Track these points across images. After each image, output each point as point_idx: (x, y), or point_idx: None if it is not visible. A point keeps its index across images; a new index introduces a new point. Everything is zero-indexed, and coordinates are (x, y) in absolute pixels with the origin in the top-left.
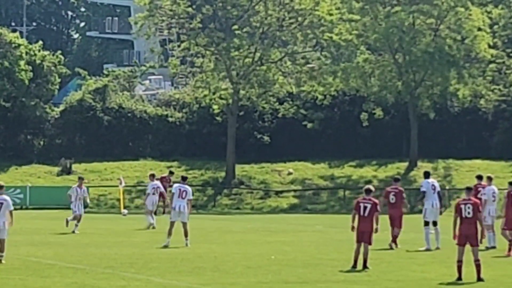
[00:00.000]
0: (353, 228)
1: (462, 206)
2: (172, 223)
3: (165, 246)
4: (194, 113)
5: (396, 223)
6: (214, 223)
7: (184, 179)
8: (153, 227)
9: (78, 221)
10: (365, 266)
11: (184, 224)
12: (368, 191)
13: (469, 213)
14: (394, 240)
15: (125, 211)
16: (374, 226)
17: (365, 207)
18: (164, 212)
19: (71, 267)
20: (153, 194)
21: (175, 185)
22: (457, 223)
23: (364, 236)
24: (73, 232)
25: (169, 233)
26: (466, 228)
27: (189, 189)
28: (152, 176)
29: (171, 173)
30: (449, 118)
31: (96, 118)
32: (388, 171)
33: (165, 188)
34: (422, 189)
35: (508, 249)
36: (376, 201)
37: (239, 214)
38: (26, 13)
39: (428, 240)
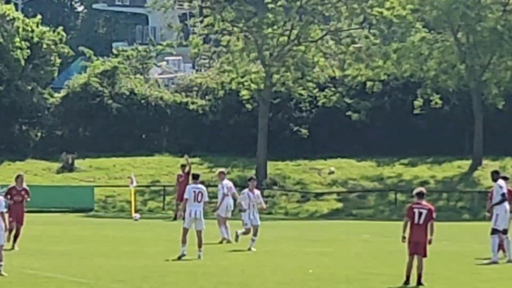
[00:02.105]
0: (404, 238)
1: None
2: (185, 230)
3: (181, 257)
4: (219, 100)
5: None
6: (242, 231)
7: (196, 177)
8: (228, 241)
9: (254, 234)
10: (419, 283)
11: (199, 232)
12: (420, 195)
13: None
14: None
15: (137, 215)
16: (429, 236)
17: (420, 214)
18: (175, 218)
19: (73, 281)
20: (227, 195)
21: (188, 187)
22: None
23: (418, 247)
24: (249, 249)
25: (184, 241)
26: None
27: (204, 189)
28: (223, 174)
29: (184, 166)
30: None
31: (103, 106)
32: (448, 170)
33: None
34: (502, 190)
35: None
36: (432, 207)
37: (271, 220)
38: None
39: (495, 251)
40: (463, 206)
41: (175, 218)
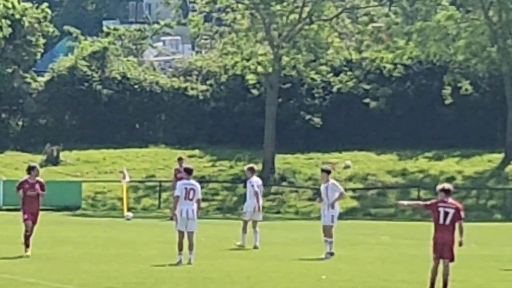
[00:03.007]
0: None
1: None
2: (180, 233)
3: (179, 263)
4: (222, 85)
5: None
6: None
7: (188, 171)
8: (255, 247)
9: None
10: (445, 286)
11: (191, 233)
12: (446, 192)
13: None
14: None
15: (130, 214)
16: (458, 238)
17: (446, 213)
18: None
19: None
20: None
21: (179, 183)
22: None
23: (444, 250)
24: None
25: (181, 247)
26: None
27: (197, 185)
28: (252, 170)
29: (181, 159)
30: None
31: (92, 92)
32: (477, 164)
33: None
34: None
35: None
36: (460, 205)
37: (279, 219)
38: None
39: None
40: (494, 204)
41: (172, 218)
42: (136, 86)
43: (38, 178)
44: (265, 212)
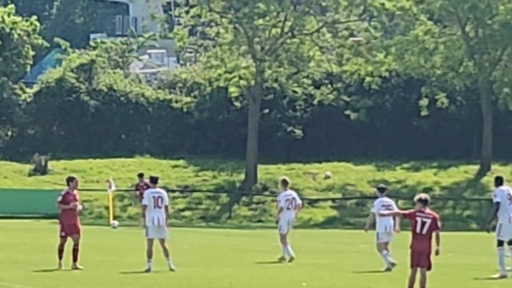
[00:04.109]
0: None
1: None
2: (150, 242)
3: (148, 270)
4: (206, 97)
5: None
6: (230, 240)
7: (154, 180)
8: (292, 258)
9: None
10: None
11: (162, 241)
12: (424, 202)
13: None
14: None
15: (116, 222)
16: (435, 247)
17: (423, 223)
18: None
19: None
20: (288, 208)
21: (146, 192)
22: None
23: (421, 259)
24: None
25: (150, 254)
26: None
27: (164, 193)
28: (285, 184)
29: (141, 175)
30: None
31: (79, 103)
32: (454, 176)
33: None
34: (496, 199)
35: None
36: (436, 215)
37: (261, 228)
38: None
39: (503, 264)
40: (470, 215)
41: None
42: (122, 98)
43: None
44: (247, 221)
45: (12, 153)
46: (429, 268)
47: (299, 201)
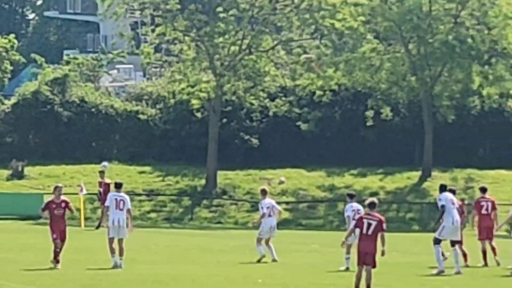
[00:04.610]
0: (343, 243)
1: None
2: (111, 240)
3: (115, 266)
4: (170, 109)
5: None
6: (192, 240)
7: (118, 186)
8: (273, 260)
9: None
10: None
11: (121, 240)
12: (372, 205)
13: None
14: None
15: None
16: (381, 247)
17: (369, 224)
18: (98, 227)
19: None
20: (269, 216)
21: (109, 194)
22: None
23: (367, 257)
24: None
25: (112, 251)
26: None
27: (126, 197)
28: (264, 193)
29: (102, 172)
30: (471, 121)
31: (54, 114)
32: (397, 181)
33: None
34: (441, 202)
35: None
36: (382, 218)
37: (221, 229)
38: None
39: (440, 260)
40: (412, 217)
41: (98, 227)
42: (93, 109)
43: (62, 198)
44: (207, 222)
45: None
46: (374, 266)
47: (279, 208)
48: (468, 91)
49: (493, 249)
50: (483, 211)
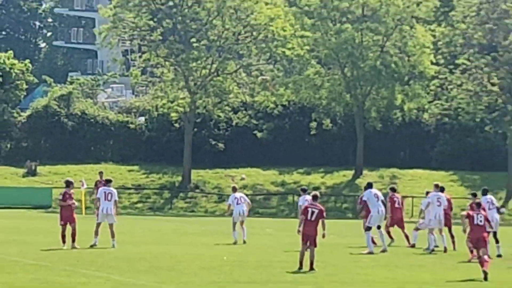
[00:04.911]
0: (299, 231)
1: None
2: (98, 224)
3: (93, 246)
4: (153, 120)
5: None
6: (170, 225)
7: (108, 181)
8: (244, 242)
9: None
10: (311, 268)
11: (111, 225)
12: (315, 197)
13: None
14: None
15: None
16: (322, 231)
17: (312, 212)
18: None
19: (34, 264)
20: (238, 204)
21: (100, 189)
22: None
23: (309, 239)
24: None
25: (96, 233)
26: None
27: (114, 191)
28: (234, 189)
29: (101, 173)
30: (394, 130)
31: (60, 124)
32: (335, 178)
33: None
34: (364, 198)
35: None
36: (323, 207)
37: (194, 216)
38: None
39: (370, 244)
40: (347, 207)
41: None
42: (91, 120)
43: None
44: (183, 211)
45: (10, 160)
46: (315, 246)
47: (247, 200)
48: (392, 106)
49: (406, 236)
50: (396, 205)
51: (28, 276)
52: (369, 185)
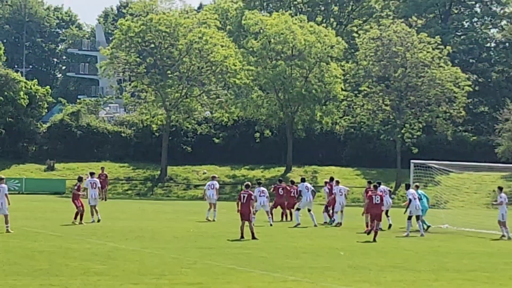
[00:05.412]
0: (238, 210)
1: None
2: (92, 206)
3: (93, 222)
4: (139, 130)
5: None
6: (152, 206)
7: (92, 174)
8: (212, 220)
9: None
10: (253, 237)
11: (93, 206)
12: (247, 186)
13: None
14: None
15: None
16: (252, 210)
17: (244, 196)
18: (104, 199)
19: (53, 235)
20: (209, 189)
21: (86, 180)
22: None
23: (244, 216)
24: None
25: (92, 213)
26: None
27: (97, 180)
28: (213, 178)
29: (102, 168)
30: (314, 137)
31: (71, 133)
32: (272, 173)
33: (103, 182)
34: (299, 188)
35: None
36: (251, 192)
37: (169, 200)
38: (25, 59)
39: (298, 219)
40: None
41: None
42: (94, 130)
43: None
44: (161, 196)
45: (35, 159)
46: (249, 220)
47: (217, 186)
48: (313, 120)
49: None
50: (331, 195)
51: (48, 243)
52: (303, 180)
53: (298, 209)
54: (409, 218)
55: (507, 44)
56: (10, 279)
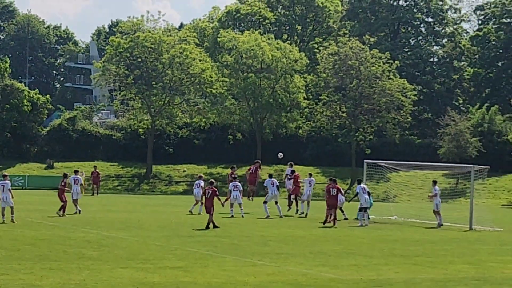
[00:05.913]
0: (202, 203)
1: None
2: (74, 201)
3: (76, 213)
4: (128, 133)
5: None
6: (139, 200)
7: (75, 172)
8: (193, 213)
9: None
10: (207, 227)
11: (75, 200)
12: (211, 183)
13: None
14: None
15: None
16: (219, 203)
17: (207, 192)
18: (96, 193)
19: (52, 225)
20: (196, 188)
21: (71, 177)
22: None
23: (207, 209)
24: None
25: (75, 205)
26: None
27: (80, 177)
28: (200, 177)
29: (95, 166)
30: (280, 140)
31: (68, 136)
32: (243, 170)
33: (95, 178)
34: (265, 184)
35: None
36: (215, 189)
37: (153, 195)
38: (28, 71)
39: (267, 211)
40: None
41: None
42: (89, 133)
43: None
44: (147, 191)
45: (37, 158)
46: (211, 213)
47: (202, 184)
48: (279, 125)
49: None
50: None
51: (47, 232)
52: (270, 176)
53: (265, 202)
54: (360, 209)
55: (447, 59)
56: (15, 263)
